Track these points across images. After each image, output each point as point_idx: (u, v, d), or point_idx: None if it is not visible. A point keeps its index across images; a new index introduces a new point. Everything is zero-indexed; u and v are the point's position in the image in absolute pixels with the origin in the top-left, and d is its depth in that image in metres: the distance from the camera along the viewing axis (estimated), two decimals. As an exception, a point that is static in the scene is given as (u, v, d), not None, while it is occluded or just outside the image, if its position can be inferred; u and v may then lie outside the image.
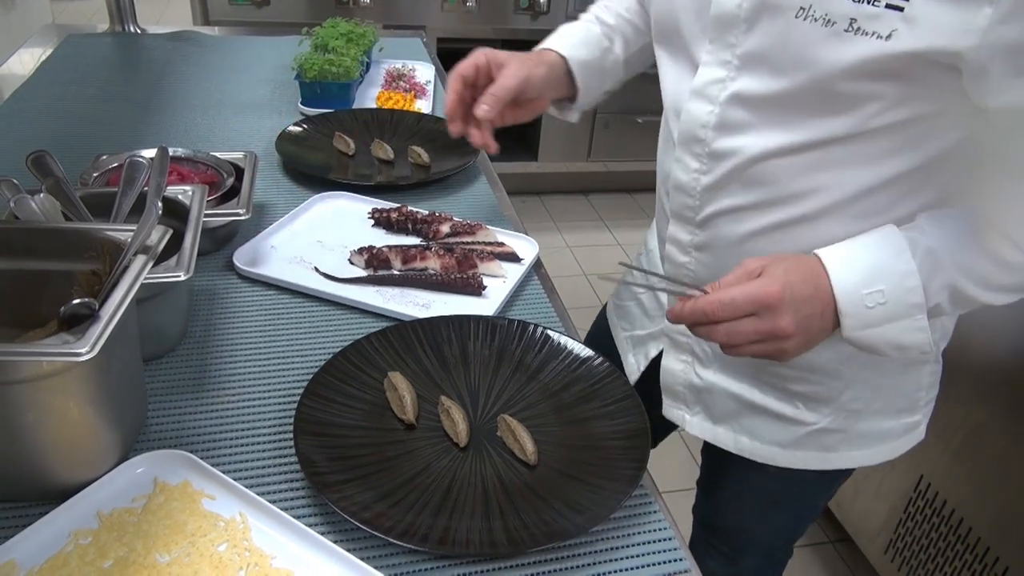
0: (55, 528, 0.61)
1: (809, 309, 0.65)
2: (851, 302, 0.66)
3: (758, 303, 0.64)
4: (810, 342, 0.67)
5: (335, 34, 1.52)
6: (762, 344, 0.65)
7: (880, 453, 0.87)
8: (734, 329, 0.65)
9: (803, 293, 0.65)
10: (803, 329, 0.65)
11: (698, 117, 0.75)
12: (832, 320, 0.67)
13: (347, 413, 0.75)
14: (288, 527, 0.63)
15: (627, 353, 0.99)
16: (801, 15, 0.63)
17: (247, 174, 1.03)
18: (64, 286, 0.69)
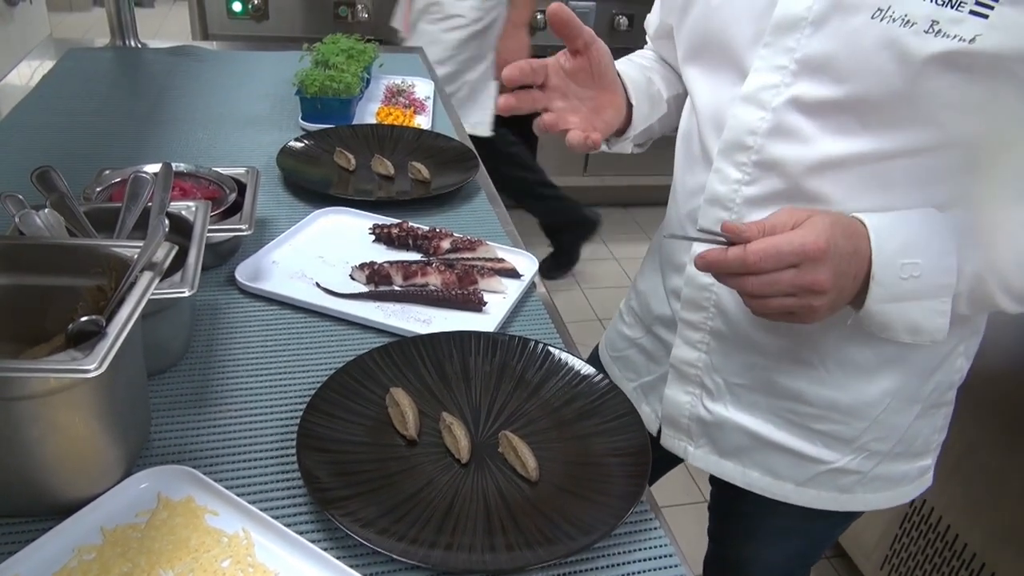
0: (59, 544, 0.61)
1: (847, 267, 0.64)
2: (886, 269, 0.64)
3: (803, 255, 0.62)
4: (836, 304, 0.65)
5: (336, 50, 1.53)
6: (793, 299, 0.64)
7: (893, 497, 0.86)
8: (776, 280, 0.62)
9: (845, 250, 0.63)
10: (838, 288, 0.63)
11: (747, 123, 0.71)
12: (862, 286, 0.65)
13: (349, 429, 0.75)
14: (291, 543, 0.63)
15: (640, 404, 0.96)
16: (878, 16, 0.61)
17: (249, 189, 1.03)
18: (69, 302, 0.70)
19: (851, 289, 0.65)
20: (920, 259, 0.64)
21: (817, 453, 0.82)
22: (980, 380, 1.33)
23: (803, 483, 0.84)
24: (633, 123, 0.85)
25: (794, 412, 0.81)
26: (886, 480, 0.84)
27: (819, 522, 0.91)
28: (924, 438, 0.84)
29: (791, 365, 0.78)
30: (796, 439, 0.82)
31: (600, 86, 0.79)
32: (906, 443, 0.82)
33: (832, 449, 0.81)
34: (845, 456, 0.81)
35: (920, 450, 0.84)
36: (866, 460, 0.82)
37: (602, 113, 0.80)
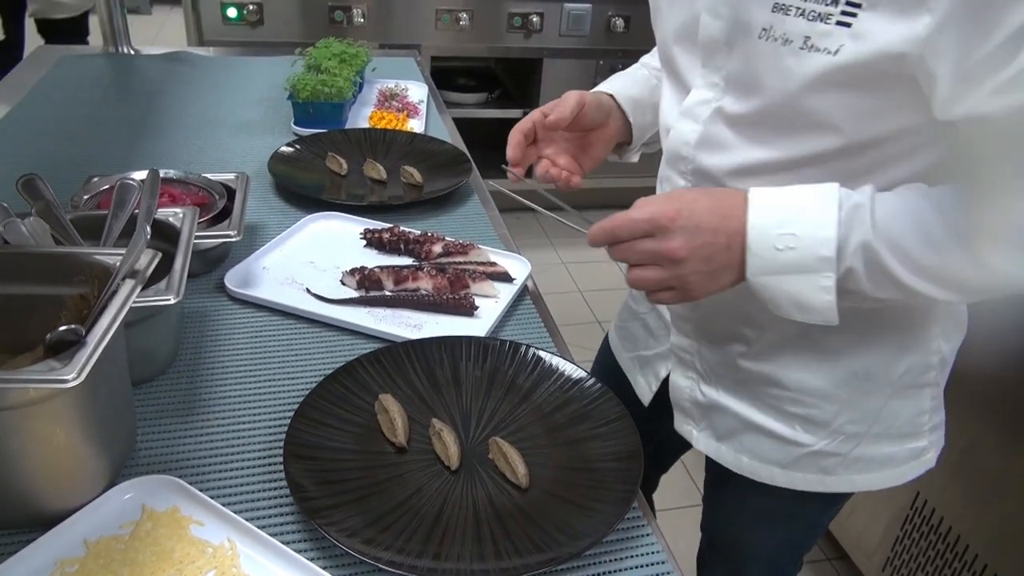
0: (41, 556, 0.60)
1: (709, 238, 0.64)
2: (761, 240, 0.64)
3: (654, 223, 0.65)
4: (714, 277, 0.66)
5: (328, 54, 1.53)
6: (660, 269, 0.66)
7: (884, 478, 0.85)
8: (632, 248, 0.66)
9: (705, 220, 0.65)
10: (700, 258, 0.64)
11: (683, 135, 0.77)
12: (739, 257, 0.65)
13: (337, 436, 0.74)
14: (278, 553, 0.62)
15: (635, 374, 0.98)
16: (764, 36, 0.65)
17: (239, 195, 1.03)
18: (53, 310, 0.69)
19: (724, 260, 0.65)
20: (797, 229, 0.63)
21: (795, 436, 0.83)
22: (981, 380, 1.32)
23: (788, 466, 0.85)
24: (634, 137, 0.94)
25: (772, 396, 0.82)
26: (870, 461, 0.84)
27: (809, 506, 0.91)
28: (908, 420, 0.83)
29: (763, 350, 0.81)
30: (777, 422, 0.83)
31: (586, 128, 0.89)
32: (885, 424, 0.82)
33: (809, 432, 0.82)
34: (822, 439, 0.82)
35: (907, 432, 0.84)
36: (844, 442, 0.82)
37: (589, 150, 0.91)
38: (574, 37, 2.92)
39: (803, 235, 0.63)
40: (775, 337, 0.79)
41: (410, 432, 0.75)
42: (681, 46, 0.77)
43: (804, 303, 0.65)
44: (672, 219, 0.64)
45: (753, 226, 0.64)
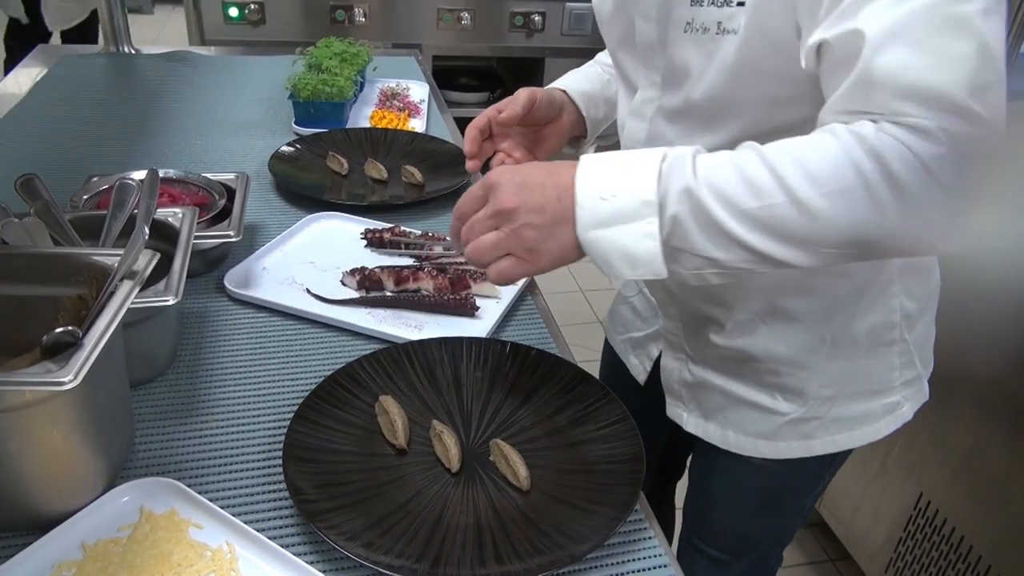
0: (38, 560, 0.60)
1: (537, 189, 0.65)
2: (587, 191, 0.64)
3: (486, 184, 0.67)
4: (550, 232, 0.65)
5: (329, 54, 1.52)
6: (495, 232, 0.66)
7: (862, 436, 0.88)
8: (474, 222, 0.67)
9: (534, 175, 0.65)
10: (530, 208, 0.64)
11: (633, 133, 0.82)
12: (571, 211, 0.64)
13: (337, 438, 0.74)
14: (276, 557, 0.62)
15: (627, 355, 1.01)
16: (688, 29, 0.70)
17: (239, 195, 1.02)
18: (51, 311, 0.69)
19: (556, 212, 0.65)
20: (620, 179, 0.63)
21: (776, 405, 0.85)
22: (985, 382, 1.31)
23: (771, 436, 0.87)
24: (588, 131, 0.99)
25: (751, 370, 0.85)
26: (848, 420, 0.86)
27: (791, 485, 0.94)
28: (879, 377, 0.86)
29: (735, 327, 0.83)
30: (758, 394, 0.86)
31: (539, 123, 0.94)
32: (856, 383, 0.85)
33: (789, 400, 0.85)
34: (800, 405, 0.85)
35: (879, 388, 0.86)
36: (821, 405, 0.85)
37: (543, 143, 0.96)
38: (576, 36, 2.91)
39: (627, 182, 0.63)
40: (744, 315, 0.82)
41: (410, 434, 0.75)
42: (624, 51, 0.82)
43: (632, 253, 0.63)
44: (500, 174, 0.66)
45: (581, 176, 0.64)
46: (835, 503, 1.72)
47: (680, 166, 0.61)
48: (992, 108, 0.56)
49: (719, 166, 0.61)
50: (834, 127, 0.59)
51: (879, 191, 0.56)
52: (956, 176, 0.56)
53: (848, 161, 0.57)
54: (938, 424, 1.41)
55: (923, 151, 0.55)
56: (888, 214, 0.57)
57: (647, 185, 0.61)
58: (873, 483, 1.59)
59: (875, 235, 0.59)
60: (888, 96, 0.57)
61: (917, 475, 1.48)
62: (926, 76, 0.56)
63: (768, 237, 0.60)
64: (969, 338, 1.34)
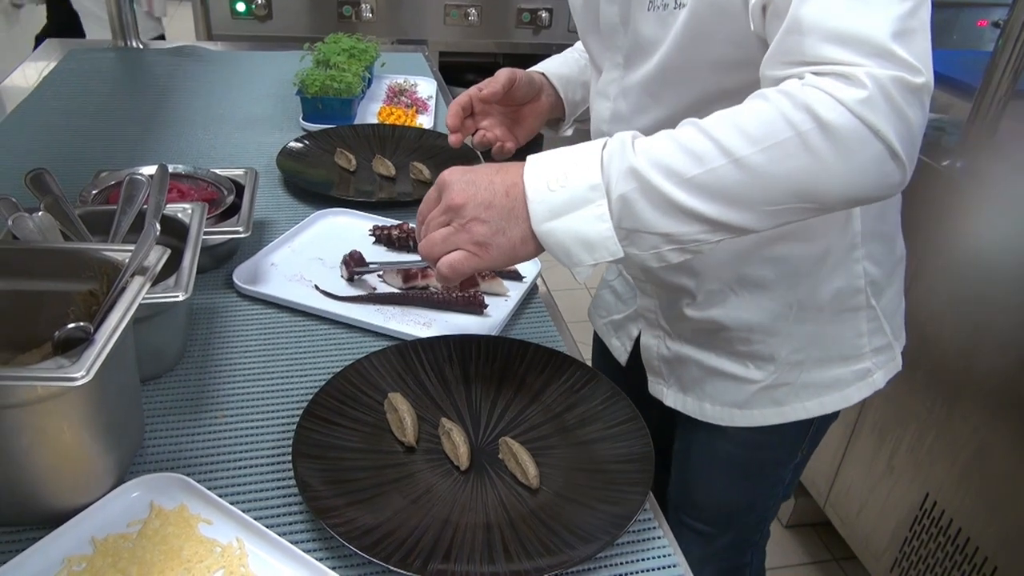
0: (48, 554, 0.60)
1: (485, 186, 0.66)
2: (536, 185, 0.65)
3: (438, 184, 0.69)
4: (500, 229, 0.66)
5: (337, 50, 1.52)
6: (445, 228, 0.67)
7: (832, 402, 0.90)
8: (428, 218, 0.69)
9: (482, 173, 0.67)
10: (479, 203, 0.66)
11: (599, 113, 0.86)
12: (521, 207, 0.66)
13: (347, 435, 0.74)
14: (286, 553, 0.62)
15: (610, 337, 1.05)
16: (651, 7, 0.73)
17: (247, 191, 1.02)
18: (61, 306, 0.69)
19: (505, 207, 0.66)
20: (567, 170, 0.65)
21: (748, 373, 0.89)
22: (991, 382, 1.31)
23: (744, 404, 0.90)
24: (566, 112, 1.02)
25: (723, 339, 0.88)
26: (818, 386, 0.89)
27: (767, 453, 0.97)
28: (848, 342, 0.88)
29: (706, 297, 0.86)
30: (731, 363, 0.89)
31: (519, 102, 0.98)
32: (824, 348, 0.87)
33: (760, 368, 0.88)
34: (771, 373, 0.88)
35: (849, 354, 0.89)
36: (790, 371, 0.88)
37: (522, 122, 1.00)
38: (583, 33, 2.91)
39: (572, 171, 0.64)
40: (714, 285, 0.85)
41: (419, 431, 0.74)
42: (592, 36, 0.86)
43: (587, 237, 0.64)
44: (451, 173, 0.69)
45: (529, 171, 0.66)
46: (840, 502, 1.72)
47: (620, 148, 0.63)
48: (917, 52, 0.59)
49: (659, 142, 0.63)
50: (764, 92, 0.62)
51: (813, 139, 0.58)
52: (888, 118, 0.58)
53: (780, 116, 0.59)
54: (945, 424, 1.41)
55: (848, 96, 0.58)
56: (825, 161, 0.59)
57: (592, 170, 0.63)
58: (879, 483, 1.59)
59: (816, 184, 0.60)
60: (815, 42, 0.60)
61: (923, 475, 1.47)
62: (849, 20, 0.59)
63: (715, 202, 0.61)
64: (977, 338, 1.34)
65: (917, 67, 0.58)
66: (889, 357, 0.92)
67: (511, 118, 0.99)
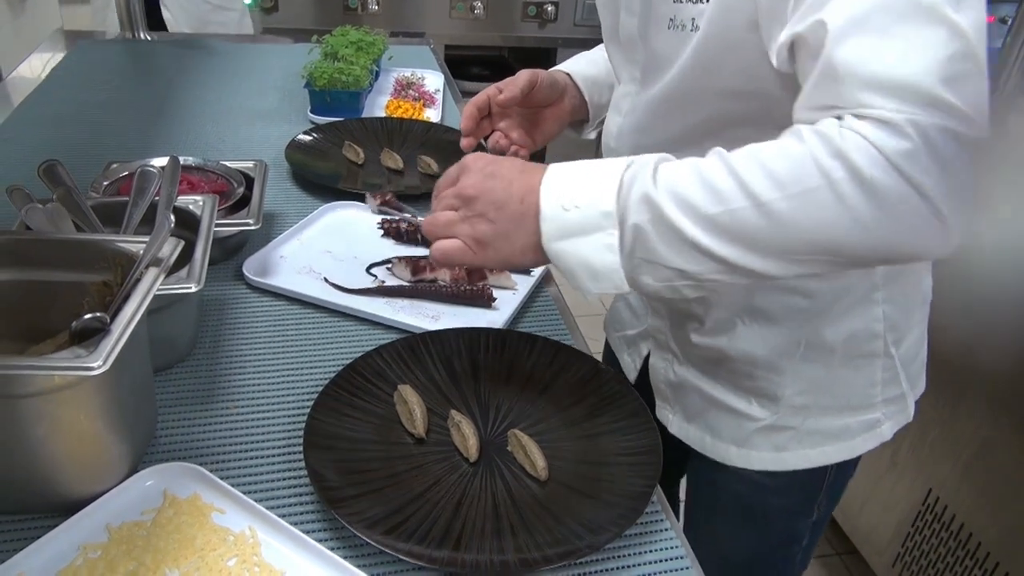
0: (65, 541, 0.61)
1: (503, 184, 0.64)
2: (551, 199, 0.62)
3: (461, 164, 0.67)
4: (507, 234, 0.64)
5: (345, 43, 1.52)
6: (453, 215, 0.65)
7: (836, 452, 0.85)
8: (442, 195, 0.67)
9: (506, 169, 0.65)
10: (491, 201, 0.63)
11: (609, 127, 0.83)
12: (532, 219, 0.63)
13: (357, 426, 0.74)
14: (298, 542, 0.62)
15: (621, 353, 1.01)
16: (671, 26, 0.70)
17: (257, 184, 1.03)
18: (75, 297, 0.69)
19: (515, 213, 0.63)
20: (583, 190, 0.61)
21: (750, 410, 0.84)
22: (995, 377, 1.31)
23: (742, 443, 0.85)
24: (590, 115, 0.98)
25: (728, 371, 0.83)
26: (824, 435, 0.83)
27: (775, 499, 0.90)
28: (859, 392, 0.82)
29: (713, 325, 0.82)
30: (735, 397, 0.84)
31: (540, 104, 0.94)
32: (833, 396, 0.82)
33: (763, 406, 0.83)
34: (773, 412, 0.83)
35: (858, 404, 0.83)
36: (794, 414, 0.82)
37: (541, 125, 0.95)
38: (589, 27, 2.90)
39: (588, 193, 0.61)
40: (723, 312, 0.80)
41: (428, 423, 0.75)
42: (612, 43, 0.82)
43: (593, 266, 0.61)
44: (476, 159, 0.66)
45: (546, 184, 0.63)
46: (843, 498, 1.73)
47: (642, 174, 0.60)
48: (970, 100, 0.52)
49: (681, 172, 0.59)
50: (799, 129, 0.57)
51: (846, 191, 0.53)
52: (932, 174, 0.52)
53: (812, 161, 0.54)
54: (949, 420, 1.41)
55: (890, 147, 0.52)
56: (859, 216, 0.53)
57: (607, 196, 0.60)
58: (882, 478, 1.60)
59: (847, 240, 0.55)
60: (853, 88, 0.54)
61: (927, 471, 1.48)
62: (890, 65, 0.53)
63: (733, 244, 0.57)
64: (980, 335, 1.34)
65: (970, 116, 0.52)
66: (901, 408, 0.86)
67: (530, 120, 0.95)
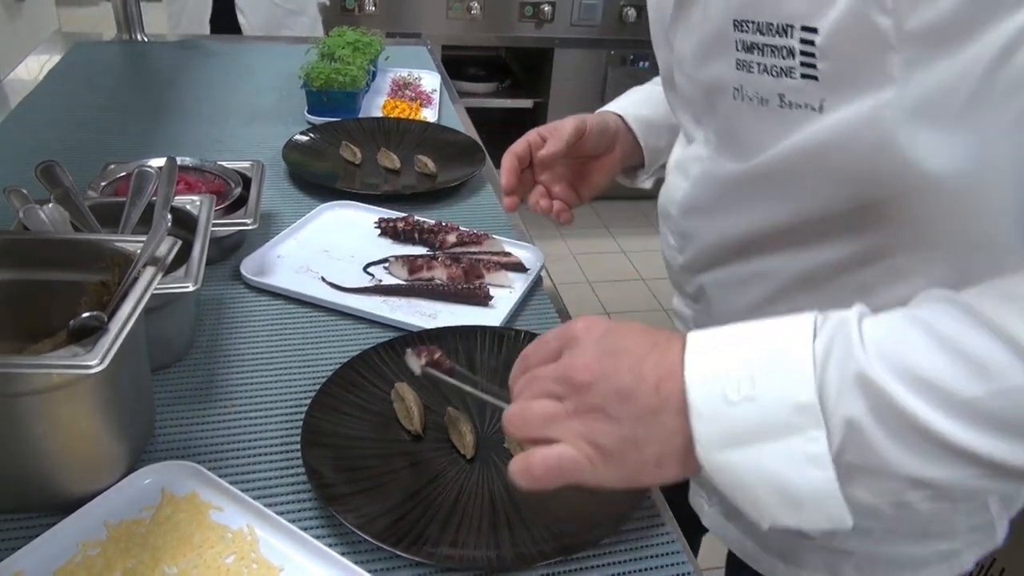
0: (63, 539, 0.61)
1: (629, 369, 0.46)
2: (705, 386, 0.44)
3: (563, 335, 0.52)
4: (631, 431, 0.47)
5: (342, 43, 1.53)
6: (558, 410, 0.49)
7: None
8: (536, 373, 0.52)
9: (630, 343, 0.48)
10: (613, 390, 0.47)
11: (670, 191, 0.72)
12: (675, 414, 0.46)
13: (354, 424, 0.75)
14: (296, 539, 0.63)
15: None
16: (737, 96, 0.58)
17: (254, 184, 1.03)
18: (73, 296, 0.70)
19: (648, 407, 0.46)
20: (755, 371, 0.43)
21: None
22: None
23: (791, 560, 0.74)
24: (646, 161, 0.87)
25: None
26: (887, 562, 0.70)
27: None
28: (942, 519, 0.69)
29: None
30: None
31: (588, 155, 0.84)
32: (908, 521, 0.68)
33: None
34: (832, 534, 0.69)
35: (936, 531, 0.69)
36: (857, 537, 0.69)
37: (588, 177, 0.86)
38: (585, 27, 2.91)
39: (766, 375, 0.43)
40: None
41: (425, 421, 0.76)
42: (670, 92, 0.70)
43: (789, 488, 0.43)
44: (587, 329, 0.50)
45: (692, 361, 0.45)
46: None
47: (844, 341, 0.42)
48: None
49: (904, 336, 0.42)
50: None
51: None
52: None
53: None
54: None
55: None
56: None
57: (799, 379, 0.42)
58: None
59: None
60: None
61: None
62: None
63: (1012, 438, 0.39)
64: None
65: None
66: (987, 534, 0.71)
67: (576, 172, 0.85)
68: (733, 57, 0.56)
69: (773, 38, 0.52)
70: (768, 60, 0.53)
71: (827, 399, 0.42)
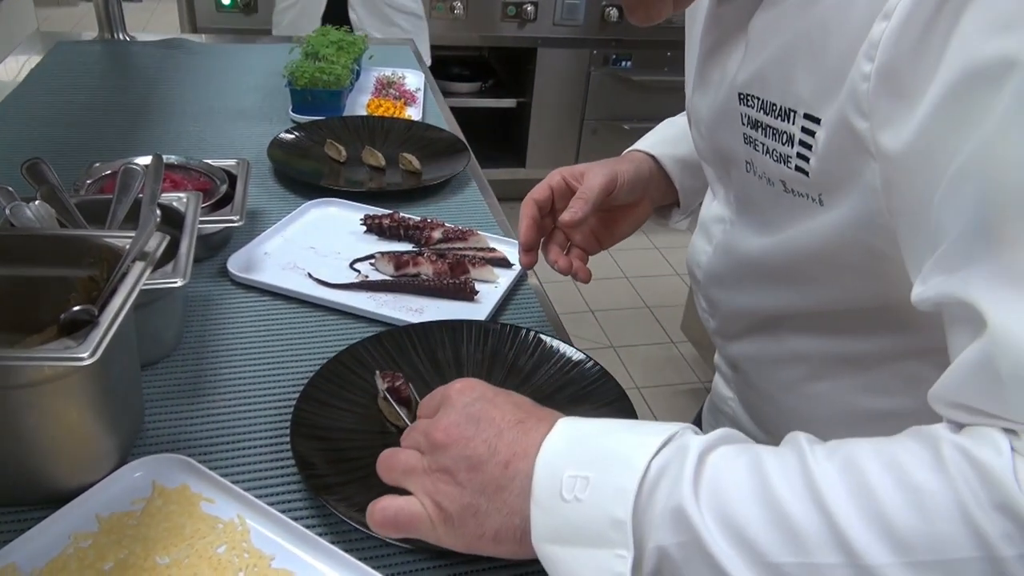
0: (55, 531, 0.62)
1: (484, 440, 0.47)
2: (547, 485, 0.44)
3: (444, 392, 0.54)
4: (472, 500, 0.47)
5: (326, 42, 1.53)
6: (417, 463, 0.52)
7: None
8: (413, 427, 0.55)
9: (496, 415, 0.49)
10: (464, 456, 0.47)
11: (695, 251, 0.69)
12: (516, 497, 0.46)
13: (342, 416, 0.76)
14: (287, 529, 0.64)
15: None
16: (749, 169, 0.56)
17: (240, 181, 1.04)
18: (62, 292, 0.70)
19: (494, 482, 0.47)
20: (593, 472, 0.43)
21: None
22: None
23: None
24: (681, 203, 0.84)
25: None
26: None
27: None
28: None
29: None
30: None
31: (613, 207, 0.80)
32: None
33: None
34: None
35: None
36: None
37: (613, 226, 0.82)
38: (568, 26, 2.93)
39: (597, 481, 0.42)
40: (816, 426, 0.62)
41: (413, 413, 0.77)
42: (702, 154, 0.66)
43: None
44: (461, 391, 0.52)
45: (547, 448, 0.46)
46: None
47: (677, 468, 0.42)
48: None
49: (738, 481, 0.41)
50: (939, 446, 0.37)
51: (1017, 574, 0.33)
52: None
53: (959, 514, 0.35)
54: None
55: None
56: None
57: (622, 493, 0.42)
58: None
59: None
60: None
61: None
62: None
63: None
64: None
65: None
66: None
67: (601, 220, 0.81)
68: (740, 131, 0.54)
69: (776, 120, 0.50)
70: (770, 142, 0.51)
71: (645, 523, 0.42)
